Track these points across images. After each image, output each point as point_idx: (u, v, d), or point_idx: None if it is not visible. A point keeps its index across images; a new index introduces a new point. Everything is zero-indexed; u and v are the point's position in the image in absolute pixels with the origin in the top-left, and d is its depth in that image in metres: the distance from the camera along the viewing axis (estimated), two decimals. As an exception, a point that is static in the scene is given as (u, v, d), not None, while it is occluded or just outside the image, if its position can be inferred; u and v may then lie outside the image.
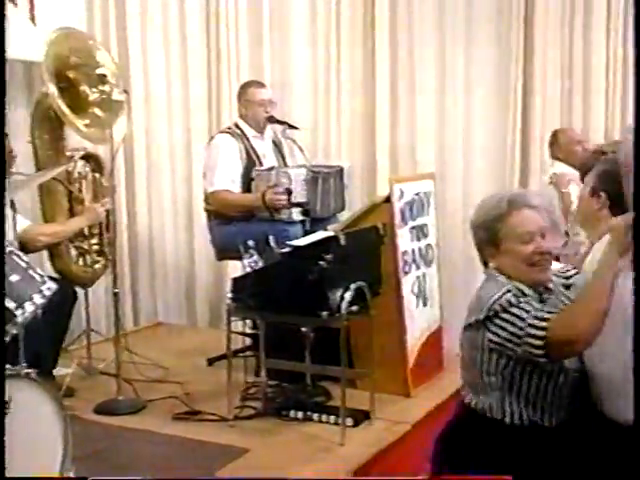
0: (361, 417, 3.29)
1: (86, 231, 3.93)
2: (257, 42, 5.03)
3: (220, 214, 4.05)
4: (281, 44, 5.03)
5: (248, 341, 3.94)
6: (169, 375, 3.94)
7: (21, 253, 2.69)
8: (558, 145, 4.79)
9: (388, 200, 3.62)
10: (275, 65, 5.02)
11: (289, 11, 4.99)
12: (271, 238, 3.40)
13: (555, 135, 4.84)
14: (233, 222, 3.98)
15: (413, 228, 3.70)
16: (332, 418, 3.32)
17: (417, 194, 3.73)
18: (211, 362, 4.14)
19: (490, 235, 2.14)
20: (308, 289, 3.07)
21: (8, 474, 2.31)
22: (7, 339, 2.56)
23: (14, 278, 2.55)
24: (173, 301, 5.16)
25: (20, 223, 3.30)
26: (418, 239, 3.73)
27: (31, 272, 2.63)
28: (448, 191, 5.00)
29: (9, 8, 3.82)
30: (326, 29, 4.98)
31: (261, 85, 4.19)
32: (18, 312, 2.53)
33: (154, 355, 4.13)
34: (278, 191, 3.82)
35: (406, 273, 3.61)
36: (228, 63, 5.01)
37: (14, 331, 2.56)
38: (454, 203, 5.10)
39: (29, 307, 2.57)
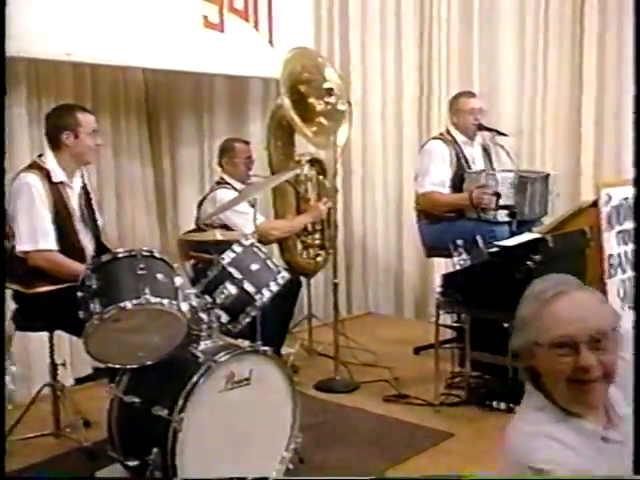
0: (564, 413, 3.38)
1: (310, 227, 4.39)
2: (467, 53, 5.16)
3: (429, 214, 4.30)
4: (489, 54, 5.10)
5: (454, 333, 4.14)
6: (379, 360, 4.28)
7: (260, 245, 3.05)
8: None
9: (595, 204, 3.68)
10: (483, 75, 5.12)
11: (498, 23, 5.06)
12: (478, 238, 3.60)
13: None
14: (442, 222, 4.22)
15: (620, 232, 3.73)
16: (534, 411, 3.45)
17: (625, 199, 3.75)
18: (417, 351, 4.43)
19: None
20: (514, 288, 3.13)
21: (247, 437, 2.66)
22: (247, 320, 2.94)
23: (254, 267, 2.91)
24: (383, 293, 5.50)
25: (257, 219, 3.68)
26: (625, 243, 3.76)
27: (268, 262, 2.99)
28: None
29: (252, 34, 4.34)
30: (533, 41, 4.98)
31: (472, 95, 4.40)
32: (257, 297, 2.88)
33: (365, 341, 4.50)
34: (485, 191, 4.01)
35: (611, 276, 3.66)
36: (439, 73, 5.20)
37: (253, 313, 2.91)
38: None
39: (266, 293, 2.91)
